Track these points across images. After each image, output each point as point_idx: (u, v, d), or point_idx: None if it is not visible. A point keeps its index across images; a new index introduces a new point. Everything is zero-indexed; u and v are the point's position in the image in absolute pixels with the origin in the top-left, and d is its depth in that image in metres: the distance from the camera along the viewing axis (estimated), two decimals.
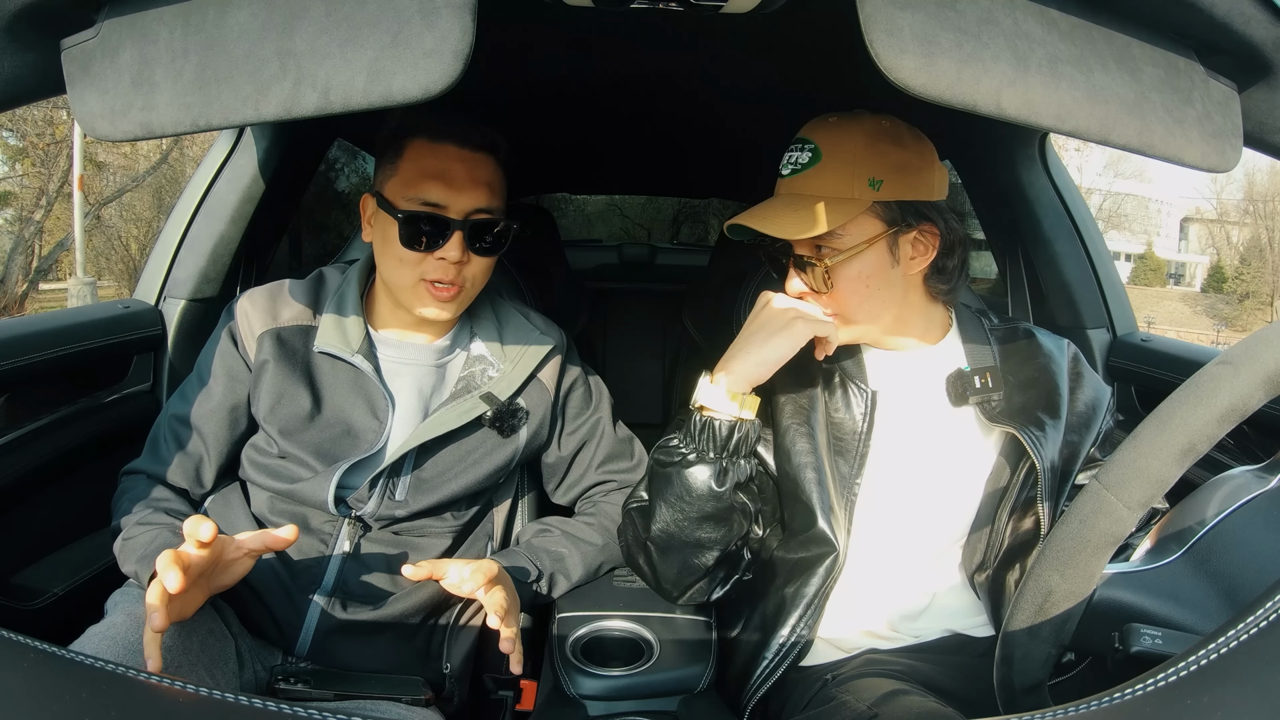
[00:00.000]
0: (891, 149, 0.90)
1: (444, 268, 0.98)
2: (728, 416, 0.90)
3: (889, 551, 0.98)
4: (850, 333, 0.96)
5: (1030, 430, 0.93)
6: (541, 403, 1.11)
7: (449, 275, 0.98)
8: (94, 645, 0.80)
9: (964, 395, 0.97)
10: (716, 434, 0.90)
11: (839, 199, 0.89)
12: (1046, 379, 0.99)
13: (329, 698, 0.92)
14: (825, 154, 0.90)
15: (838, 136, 0.90)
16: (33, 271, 11.66)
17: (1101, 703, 0.40)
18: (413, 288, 0.99)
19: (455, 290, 1.00)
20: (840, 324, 0.94)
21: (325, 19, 0.57)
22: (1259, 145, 0.70)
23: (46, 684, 0.40)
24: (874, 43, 0.55)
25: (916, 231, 0.92)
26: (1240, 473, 0.67)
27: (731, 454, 0.91)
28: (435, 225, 0.97)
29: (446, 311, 1.02)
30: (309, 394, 1.01)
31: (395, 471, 1.02)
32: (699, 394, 0.92)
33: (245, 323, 1.04)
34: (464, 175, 0.99)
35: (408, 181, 0.98)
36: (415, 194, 0.97)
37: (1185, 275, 26.37)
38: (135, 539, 0.93)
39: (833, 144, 0.90)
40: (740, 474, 0.91)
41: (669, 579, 0.97)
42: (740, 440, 0.91)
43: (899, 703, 0.81)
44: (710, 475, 0.90)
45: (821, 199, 0.88)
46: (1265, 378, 0.50)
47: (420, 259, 0.98)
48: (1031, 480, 0.94)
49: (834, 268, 0.91)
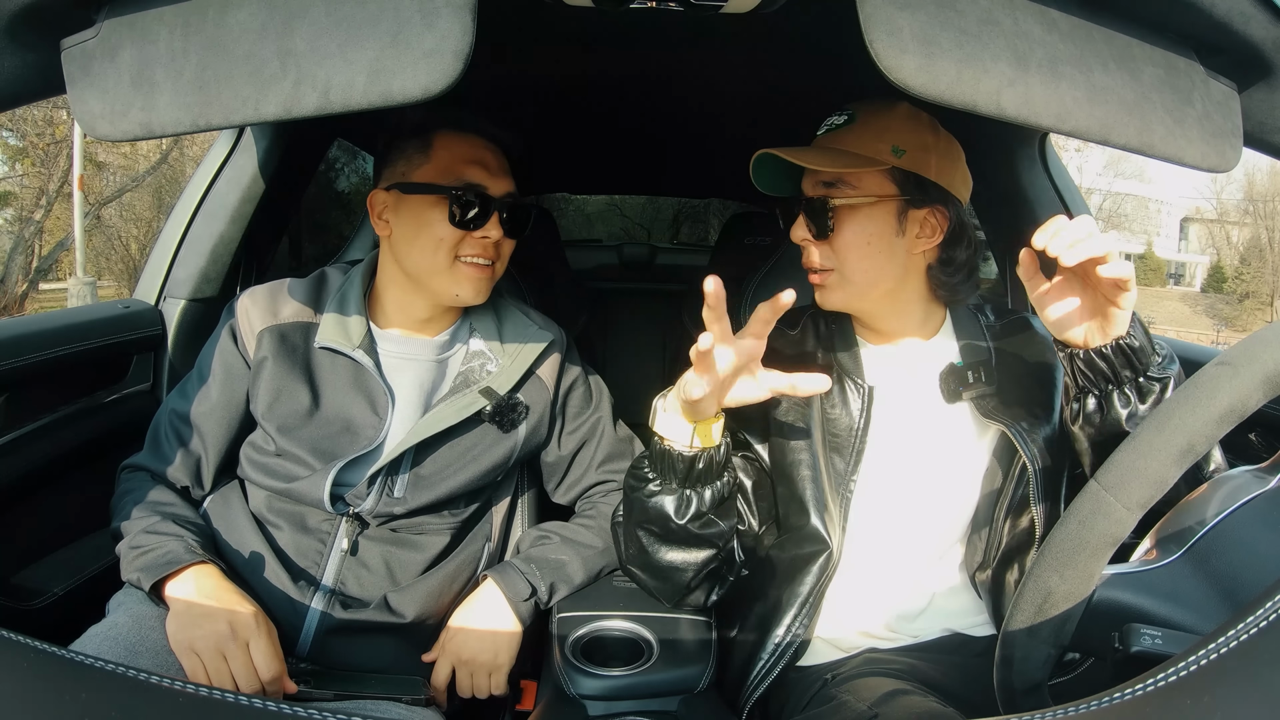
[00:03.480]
0: (923, 130, 0.94)
1: (485, 245, 1.02)
2: (684, 447, 0.82)
3: (886, 549, 0.98)
4: (842, 295, 0.97)
5: (1019, 426, 0.93)
6: (541, 399, 1.11)
7: (489, 253, 1.03)
8: (94, 645, 0.80)
9: (957, 391, 0.97)
10: (675, 464, 0.83)
11: (862, 155, 0.93)
12: (1042, 370, 0.99)
13: (329, 697, 0.92)
14: (860, 119, 0.95)
15: (876, 109, 0.95)
16: (33, 271, 11.66)
17: (1101, 703, 0.40)
18: (449, 269, 1.02)
19: (490, 270, 1.04)
20: (835, 284, 0.97)
21: (325, 19, 0.57)
22: (1259, 145, 0.70)
23: (46, 684, 0.40)
24: (874, 43, 0.55)
25: (928, 210, 0.94)
26: (1240, 473, 0.67)
27: (694, 482, 0.84)
28: (479, 204, 1.01)
29: (483, 292, 1.05)
30: (308, 390, 1.01)
31: (394, 468, 1.02)
32: (654, 419, 0.84)
33: (245, 320, 1.04)
34: (496, 163, 1.05)
35: (446, 167, 1.01)
36: (459, 177, 1.01)
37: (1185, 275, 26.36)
38: (144, 549, 0.92)
39: (870, 113, 0.95)
40: (705, 503, 0.85)
41: (657, 591, 0.96)
42: (702, 470, 0.83)
43: (899, 703, 0.81)
44: (671, 506, 0.85)
45: (846, 152, 0.94)
46: (1264, 378, 0.50)
47: (461, 238, 1.01)
48: (1025, 478, 0.93)
49: (840, 211, 0.94)
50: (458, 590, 1.07)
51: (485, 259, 1.03)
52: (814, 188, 0.96)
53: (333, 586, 1.00)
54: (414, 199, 1.01)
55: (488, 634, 1.00)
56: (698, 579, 0.91)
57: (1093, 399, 0.86)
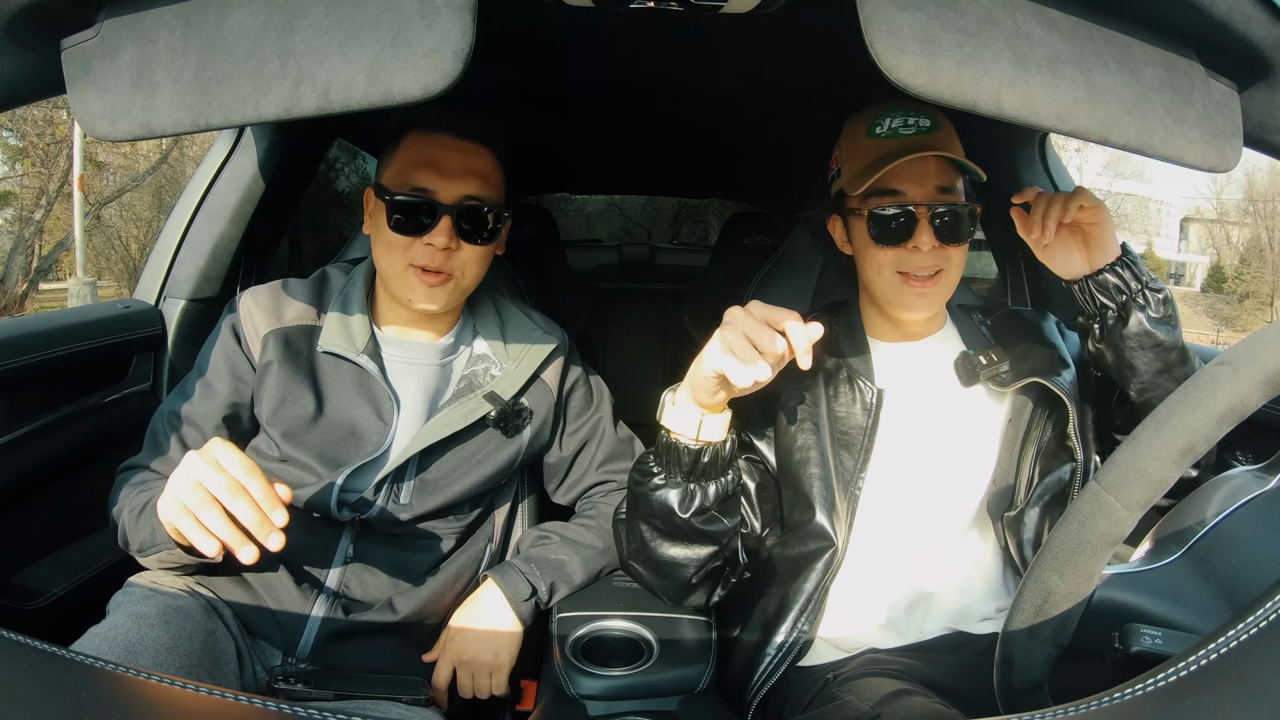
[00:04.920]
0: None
1: (431, 254, 0.98)
2: (691, 440, 0.83)
3: (892, 548, 0.98)
4: (943, 297, 1.00)
5: (1048, 375, 0.97)
6: (545, 403, 1.11)
7: (436, 261, 0.98)
8: (94, 645, 0.80)
9: (975, 373, 1.00)
10: (681, 457, 0.84)
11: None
12: (1041, 339, 1.04)
13: (329, 698, 0.92)
14: (941, 124, 0.97)
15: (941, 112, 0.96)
16: (33, 271, 11.66)
17: (1101, 703, 0.40)
18: (402, 274, 0.99)
19: (444, 278, 0.99)
20: (943, 287, 0.97)
21: (325, 19, 0.57)
22: (1259, 145, 0.70)
23: (46, 684, 0.40)
24: (874, 43, 0.55)
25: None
26: (1240, 473, 0.67)
27: (699, 477, 0.85)
28: (423, 210, 0.97)
29: (434, 301, 1.00)
30: (312, 396, 1.00)
31: (399, 474, 1.01)
32: (662, 413, 0.85)
33: (249, 321, 1.02)
34: (456, 163, 0.99)
35: (401, 170, 0.99)
36: (406, 180, 0.98)
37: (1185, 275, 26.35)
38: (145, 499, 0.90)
39: (941, 117, 0.97)
40: (708, 498, 0.86)
41: (659, 588, 0.96)
42: (707, 465, 0.84)
43: (902, 703, 0.81)
44: (675, 500, 0.85)
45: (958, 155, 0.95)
46: (1264, 378, 0.50)
47: (409, 244, 0.98)
48: (1055, 418, 0.98)
49: (977, 213, 0.97)
50: (459, 590, 1.07)
51: (433, 266, 0.98)
52: (935, 193, 0.95)
53: (336, 590, 0.99)
54: (378, 202, 1.00)
55: (489, 634, 1.00)
56: (699, 576, 0.91)
57: (1112, 315, 0.93)
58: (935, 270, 0.95)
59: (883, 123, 0.96)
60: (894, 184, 0.94)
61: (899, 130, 0.96)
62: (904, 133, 0.96)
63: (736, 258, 1.82)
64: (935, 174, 0.94)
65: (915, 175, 0.94)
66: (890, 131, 0.96)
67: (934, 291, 0.96)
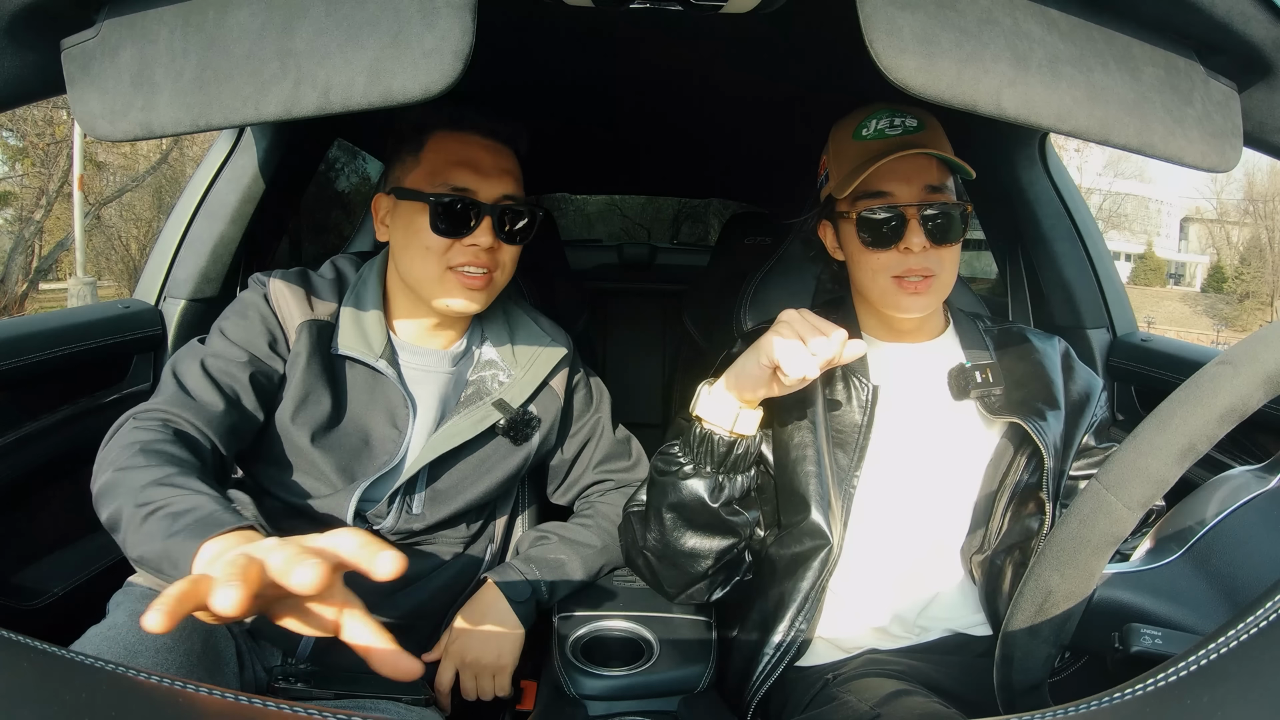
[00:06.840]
0: None
1: (475, 253, 0.96)
2: (725, 432, 0.87)
3: (888, 548, 0.98)
4: (936, 298, 0.98)
5: (1034, 420, 0.94)
6: (552, 409, 1.10)
7: (480, 261, 0.96)
8: (94, 645, 0.80)
9: (966, 389, 0.98)
10: (715, 448, 0.87)
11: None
12: (1041, 373, 1.01)
13: (329, 697, 0.92)
14: (927, 124, 0.96)
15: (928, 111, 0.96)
16: (33, 271, 11.66)
17: (1101, 703, 0.40)
18: (439, 279, 0.96)
19: (486, 279, 0.98)
20: (937, 288, 0.96)
21: (325, 19, 0.57)
22: (1259, 145, 0.70)
23: (46, 684, 0.40)
24: (874, 43, 0.55)
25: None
26: (1240, 473, 0.67)
27: (729, 469, 0.89)
28: (467, 210, 0.95)
29: (476, 302, 0.98)
30: (330, 397, 0.97)
31: (411, 485, 1.00)
32: (697, 403, 0.89)
33: (284, 304, 0.97)
34: (490, 163, 0.98)
35: (434, 170, 0.96)
36: (444, 180, 0.95)
37: (1185, 275, 26.35)
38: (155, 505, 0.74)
39: (926, 116, 0.96)
40: (735, 490, 0.89)
41: (667, 581, 0.97)
42: (739, 456, 0.88)
43: (901, 703, 0.81)
44: (705, 489, 0.88)
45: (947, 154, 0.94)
46: (1265, 378, 0.50)
47: (449, 246, 0.95)
48: (1033, 466, 0.95)
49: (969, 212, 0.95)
50: (460, 591, 1.07)
51: (477, 267, 0.96)
52: (924, 193, 0.93)
53: None
54: (406, 205, 0.97)
55: (491, 636, 1.00)
56: (714, 568, 0.94)
57: None
58: (928, 274, 0.94)
59: (869, 125, 0.96)
60: (882, 185, 0.93)
61: (885, 131, 0.95)
62: (890, 133, 0.95)
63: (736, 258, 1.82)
64: (924, 173, 0.93)
65: (903, 175, 0.93)
66: (876, 133, 0.96)
67: (929, 292, 0.96)
